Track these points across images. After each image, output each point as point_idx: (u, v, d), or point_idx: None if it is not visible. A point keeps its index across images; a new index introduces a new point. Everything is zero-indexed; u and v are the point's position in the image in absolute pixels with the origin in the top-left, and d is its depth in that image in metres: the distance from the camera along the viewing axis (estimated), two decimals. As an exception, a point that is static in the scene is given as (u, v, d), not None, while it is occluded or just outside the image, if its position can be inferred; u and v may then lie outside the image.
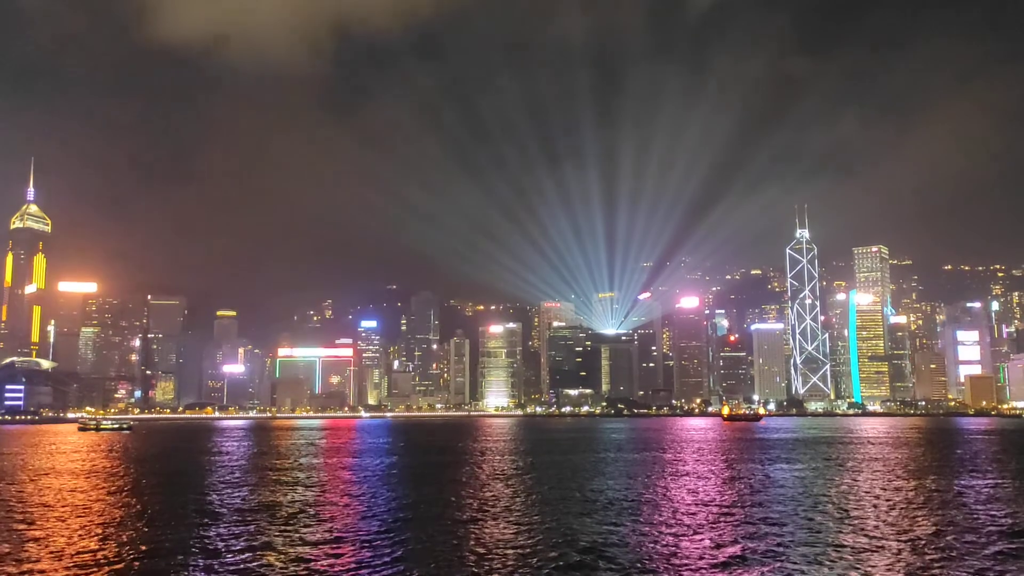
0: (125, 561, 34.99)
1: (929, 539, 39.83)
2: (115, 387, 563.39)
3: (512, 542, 39.02)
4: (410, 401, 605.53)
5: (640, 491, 60.24)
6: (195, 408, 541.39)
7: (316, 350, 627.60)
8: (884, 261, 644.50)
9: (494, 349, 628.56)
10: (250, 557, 35.78)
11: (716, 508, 50.62)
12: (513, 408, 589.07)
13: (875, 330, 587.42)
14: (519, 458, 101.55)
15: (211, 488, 64.24)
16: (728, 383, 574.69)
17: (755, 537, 40.02)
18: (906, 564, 34.11)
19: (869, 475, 73.48)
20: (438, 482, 68.09)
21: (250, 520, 46.67)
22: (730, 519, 46.07)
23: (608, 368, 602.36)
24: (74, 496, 59.74)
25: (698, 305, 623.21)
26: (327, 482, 69.40)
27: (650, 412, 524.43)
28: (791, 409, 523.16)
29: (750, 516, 46.99)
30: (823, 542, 38.81)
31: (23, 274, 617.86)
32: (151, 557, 35.68)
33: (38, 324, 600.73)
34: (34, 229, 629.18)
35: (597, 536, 40.33)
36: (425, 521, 45.59)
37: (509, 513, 48.93)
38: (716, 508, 50.62)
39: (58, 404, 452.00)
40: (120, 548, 38.03)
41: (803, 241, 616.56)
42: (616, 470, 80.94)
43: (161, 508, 52.00)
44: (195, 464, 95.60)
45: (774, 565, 33.48)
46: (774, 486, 63.53)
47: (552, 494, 58.40)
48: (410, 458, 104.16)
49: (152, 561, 34.83)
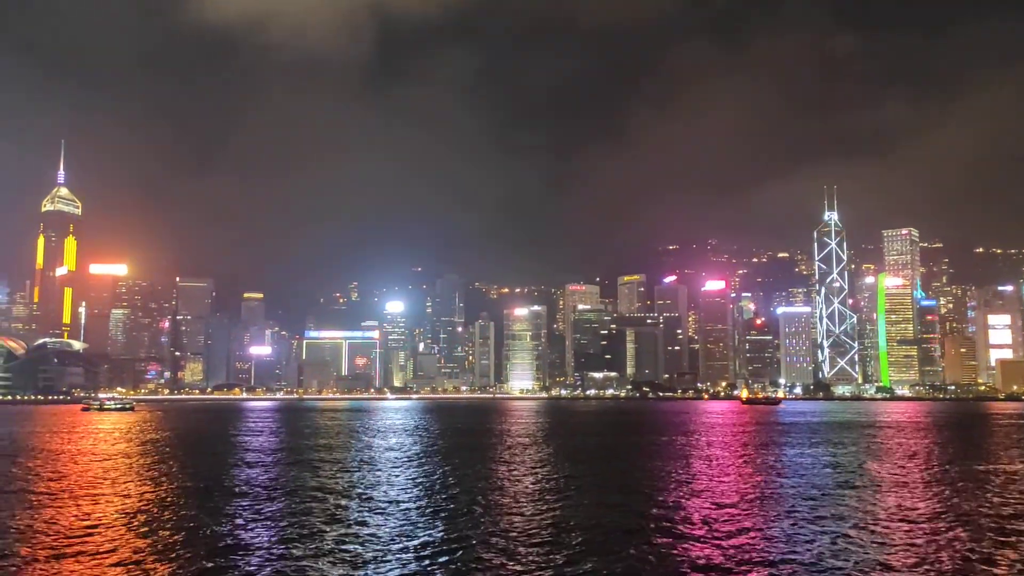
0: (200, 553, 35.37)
1: (953, 527, 39.23)
2: (145, 368, 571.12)
3: (527, 527, 39.02)
4: (435, 383, 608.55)
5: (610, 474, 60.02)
6: (223, 389, 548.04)
7: (342, 332, 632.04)
8: (914, 244, 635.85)
9: (519, 332, 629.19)
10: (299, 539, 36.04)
11: (703, 493, 50.29)
12: (538, 391, 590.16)
13: (904, 313, 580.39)
14: (545, 441, 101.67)
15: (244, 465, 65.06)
16: (754, 367, 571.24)
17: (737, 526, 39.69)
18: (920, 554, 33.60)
19: (872, 460, 72.64)
20: (481, 460, 68.30)
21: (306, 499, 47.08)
22: (719, 508, 45.74)
23: (633, 351, 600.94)
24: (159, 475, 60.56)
25: (724, 288, 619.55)
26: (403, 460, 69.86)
27: (675, 395, 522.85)
28: (818, 393, 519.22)
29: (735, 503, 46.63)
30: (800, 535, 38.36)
31: (54, 256, 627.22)
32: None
33: (69, 306, 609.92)
34: (65, 212, 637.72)
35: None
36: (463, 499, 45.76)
37: (531, 496, 48.99)
38: (703, 493, 50.29)
39: (89, 385, 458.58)
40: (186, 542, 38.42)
41: (831, 224, 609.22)
42: (607, 454, 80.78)
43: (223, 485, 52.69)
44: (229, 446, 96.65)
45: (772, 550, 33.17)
46: (767, 471, 63.03)
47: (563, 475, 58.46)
48: (453, 439, 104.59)
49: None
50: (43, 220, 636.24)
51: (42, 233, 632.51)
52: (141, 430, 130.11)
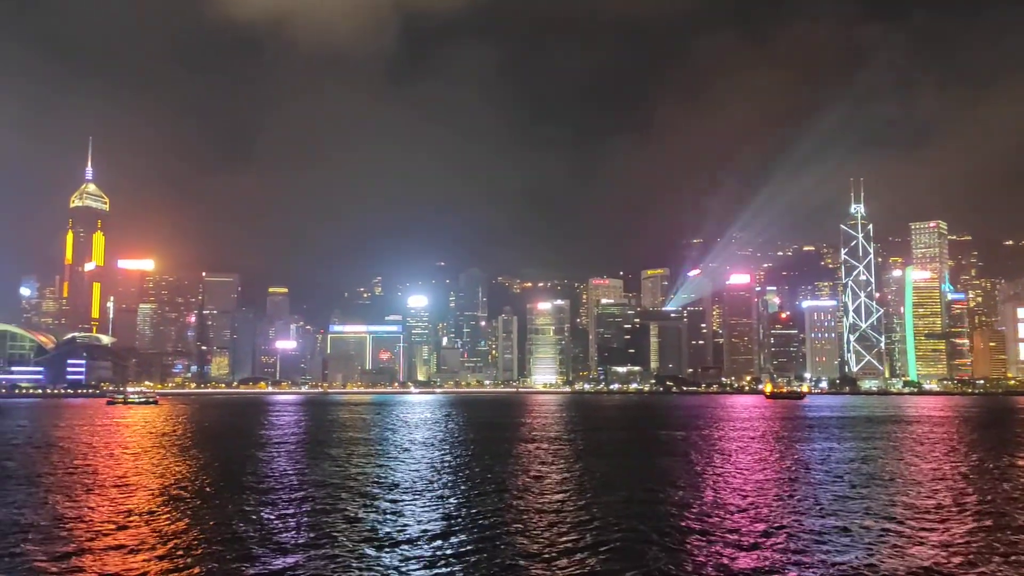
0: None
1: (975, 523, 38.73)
2: (172, 362, 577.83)
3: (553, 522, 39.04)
4: (459, 377, 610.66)
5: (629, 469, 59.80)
6: (249, 383, 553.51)
7: (366, 326, 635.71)
8: (942, 237, 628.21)
9: (542, 326, 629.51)
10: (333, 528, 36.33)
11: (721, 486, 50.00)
12: (561, 385, 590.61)
13: (932, 307, 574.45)
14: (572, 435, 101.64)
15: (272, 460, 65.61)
16: (779, 361, 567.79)
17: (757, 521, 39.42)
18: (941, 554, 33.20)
19: (886, 455, 71.87)
20: (510, 455, 68.45)
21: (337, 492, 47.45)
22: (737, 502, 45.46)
23: (657, 345, 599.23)
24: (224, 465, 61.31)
25: (749, 282, 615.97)
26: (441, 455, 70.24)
27: (699, 390, 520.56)
28: (844, 387, 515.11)
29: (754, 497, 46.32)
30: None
31: (83, 252, 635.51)
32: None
33: (98, 300, 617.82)
34: (93, 208, 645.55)
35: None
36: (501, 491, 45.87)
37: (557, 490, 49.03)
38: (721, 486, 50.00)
39: (118, 378, 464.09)
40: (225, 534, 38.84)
41: (858, 216, 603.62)
42: (624, 448, 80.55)
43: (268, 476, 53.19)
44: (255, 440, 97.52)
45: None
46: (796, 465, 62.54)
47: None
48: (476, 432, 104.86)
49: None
50: (72, 216, 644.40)
51: (71, 229, 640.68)
52: (161, 423, 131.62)
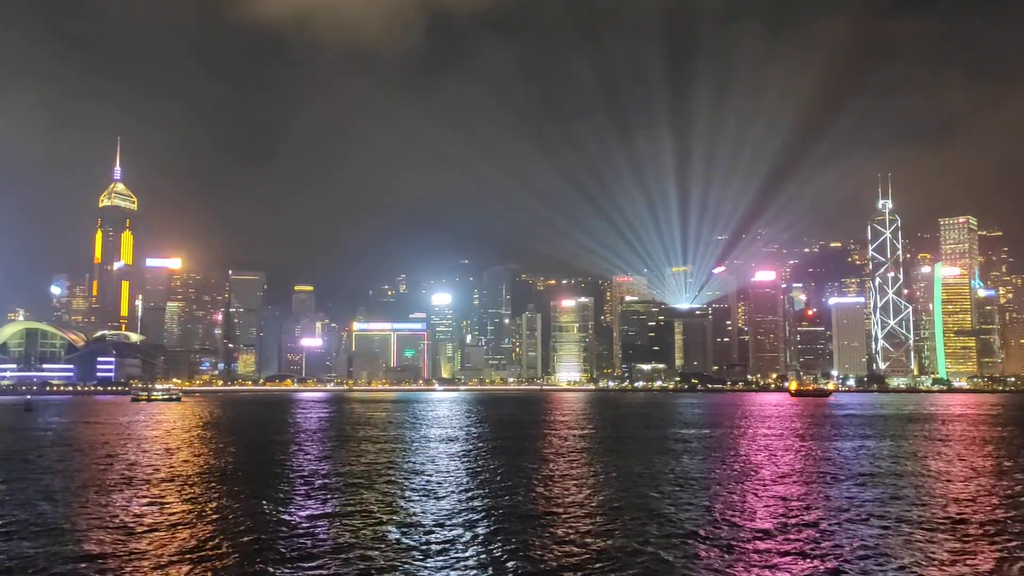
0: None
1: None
2: (199, 360, 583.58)
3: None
4: (483, 375, 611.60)
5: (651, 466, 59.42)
6: (275, 380, 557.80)
7: (391, 324, 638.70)
8: (972, 232, 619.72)
9: (566, 323, 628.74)
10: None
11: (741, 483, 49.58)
12: (585, 383, 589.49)
13: (962, 304, 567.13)
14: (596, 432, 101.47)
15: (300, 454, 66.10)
16: (805, 358, 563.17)
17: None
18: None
19: (910, 453, 70.91)
20: (531, 452, 68.45)
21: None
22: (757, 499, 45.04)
23: (682, 342, 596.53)
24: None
25: (775, 279, 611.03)
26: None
27: (724, 387, 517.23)
28: (872, 385, 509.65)
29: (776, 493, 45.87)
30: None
31: (112, 251, 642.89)
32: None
33: (126, 299, 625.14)
34: (121, 207, 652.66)
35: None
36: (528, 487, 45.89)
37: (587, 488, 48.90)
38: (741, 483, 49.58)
39: (146, 376, 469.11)
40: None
41: (886, 212, 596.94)
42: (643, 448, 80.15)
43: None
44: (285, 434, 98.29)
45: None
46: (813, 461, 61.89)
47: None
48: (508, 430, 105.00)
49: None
50: (101, 215, 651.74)
51: (100, 228, 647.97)
52: (180, 420, 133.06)
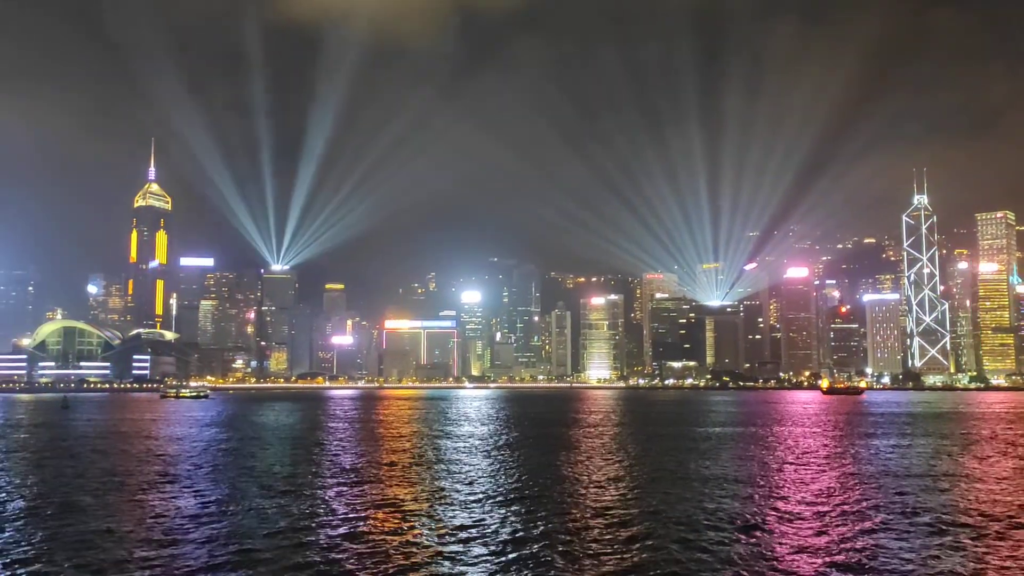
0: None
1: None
2: (232, 357, 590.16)
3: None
4: (512, 372, 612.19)
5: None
6: (307, 378, 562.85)
7: (421, 322, 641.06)
8: (1010, 227, 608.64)
9: (596, 321, 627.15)
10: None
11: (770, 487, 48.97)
12: (615, 380, 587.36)
13: (999, 300, 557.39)
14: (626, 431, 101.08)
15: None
16: (839, 356, 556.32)
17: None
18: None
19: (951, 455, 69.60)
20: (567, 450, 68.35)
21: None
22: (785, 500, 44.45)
23: (713, 340, 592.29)
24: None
25: (807, 275, 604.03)
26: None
27: (756, 385, 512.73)
28: (907, 383, 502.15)
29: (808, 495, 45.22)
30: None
31: (147, 250, 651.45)
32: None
33: (161, 297, 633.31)
34: (156, 207, 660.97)
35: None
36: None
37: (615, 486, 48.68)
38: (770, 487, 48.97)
39: (181, 373, 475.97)
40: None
41: (921, 207, 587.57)
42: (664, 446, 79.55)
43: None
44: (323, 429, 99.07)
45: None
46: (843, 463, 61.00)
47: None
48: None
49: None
50: (136, 215, 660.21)
51: (135, 228, 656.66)
52: (204, 416, 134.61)
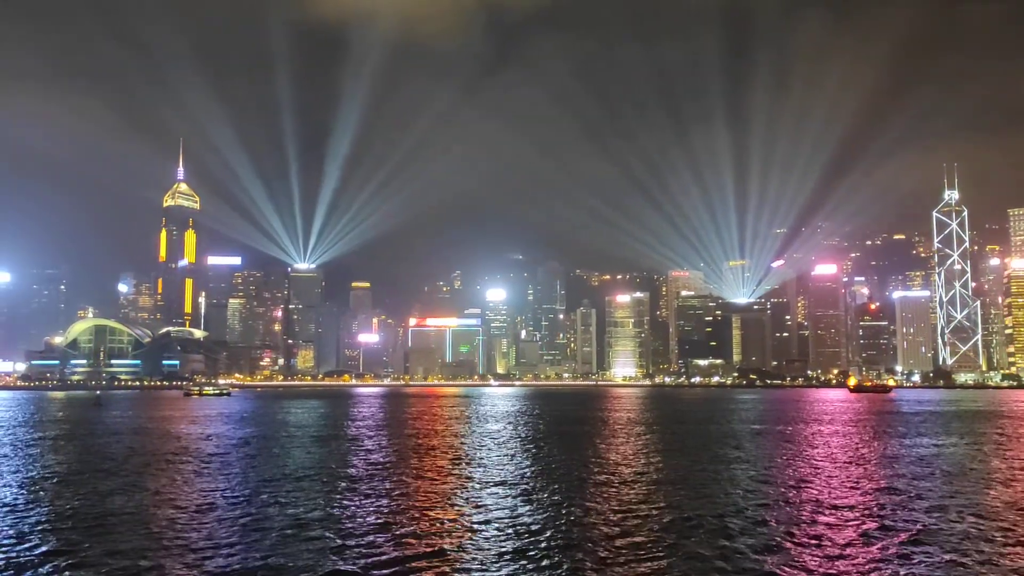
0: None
1: None
2: (260, 355, 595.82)
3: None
4: (537, 370, 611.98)
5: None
6: (333, 376, 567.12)
7: (446, 320, 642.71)
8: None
9: (621, 319, 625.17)
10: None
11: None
12: (641, 378, 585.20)
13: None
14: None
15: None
16: (868, 353, 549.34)
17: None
18: None
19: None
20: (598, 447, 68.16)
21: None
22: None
23: (739, 338, 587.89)
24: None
25: (835, 272, 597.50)
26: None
27: (783, 383, 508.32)
28: (938, 381, 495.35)
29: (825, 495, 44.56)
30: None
31: (176, 249, 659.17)
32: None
33: (190, 296, 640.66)
34: (184, 207, 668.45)
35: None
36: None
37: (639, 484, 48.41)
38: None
39: (209, 371, 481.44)
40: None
41: (952, 203, 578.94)
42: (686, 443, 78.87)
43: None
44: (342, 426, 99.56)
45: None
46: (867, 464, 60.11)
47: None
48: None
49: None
50: (165, 215, 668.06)
51: (164, 227, 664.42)
52: (226, 413, 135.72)
